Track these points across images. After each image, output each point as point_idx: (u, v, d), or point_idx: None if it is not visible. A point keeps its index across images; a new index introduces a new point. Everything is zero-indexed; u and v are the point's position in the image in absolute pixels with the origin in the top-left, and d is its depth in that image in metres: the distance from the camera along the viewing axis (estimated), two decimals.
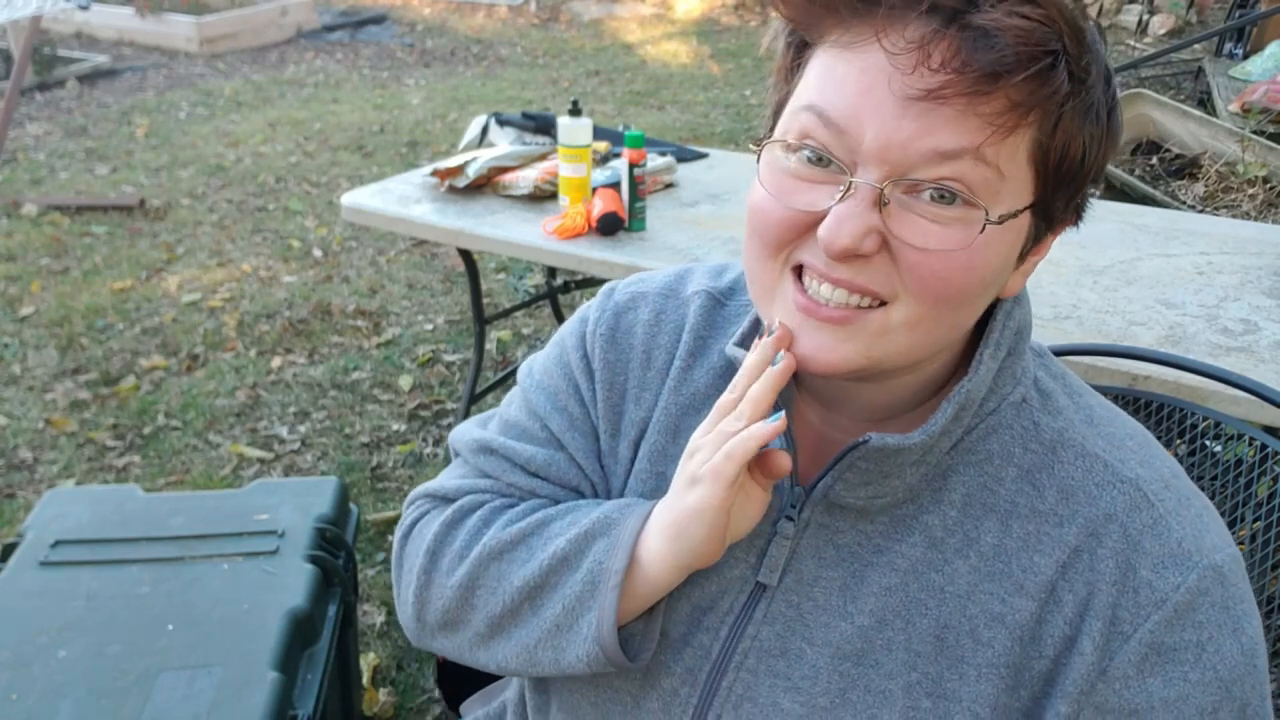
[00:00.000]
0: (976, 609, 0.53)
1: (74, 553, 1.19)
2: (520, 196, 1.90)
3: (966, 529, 0.54)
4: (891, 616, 0.54)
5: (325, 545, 1.23)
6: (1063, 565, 0.53)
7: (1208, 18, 6.15)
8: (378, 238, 3.45)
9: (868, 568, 0.55)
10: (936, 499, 0.55)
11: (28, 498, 2.13)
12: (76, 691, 1.00)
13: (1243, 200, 2.69)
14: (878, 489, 0.55)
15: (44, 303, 2.98)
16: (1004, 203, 0.48)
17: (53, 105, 4.98)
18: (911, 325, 0.49)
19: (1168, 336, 1.35)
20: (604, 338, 0.65)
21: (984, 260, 0.48)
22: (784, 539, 0.57)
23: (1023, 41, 0.43)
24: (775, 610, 0.57)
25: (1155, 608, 0.51)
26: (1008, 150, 0.46)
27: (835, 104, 0.47)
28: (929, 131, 0.45)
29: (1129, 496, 0.53)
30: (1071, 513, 0.53)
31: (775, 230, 0.50)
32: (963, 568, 0.54)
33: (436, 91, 5.37)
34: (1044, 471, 0.54)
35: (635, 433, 0.64)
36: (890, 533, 0.55)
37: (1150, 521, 0.52)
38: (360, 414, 2.47)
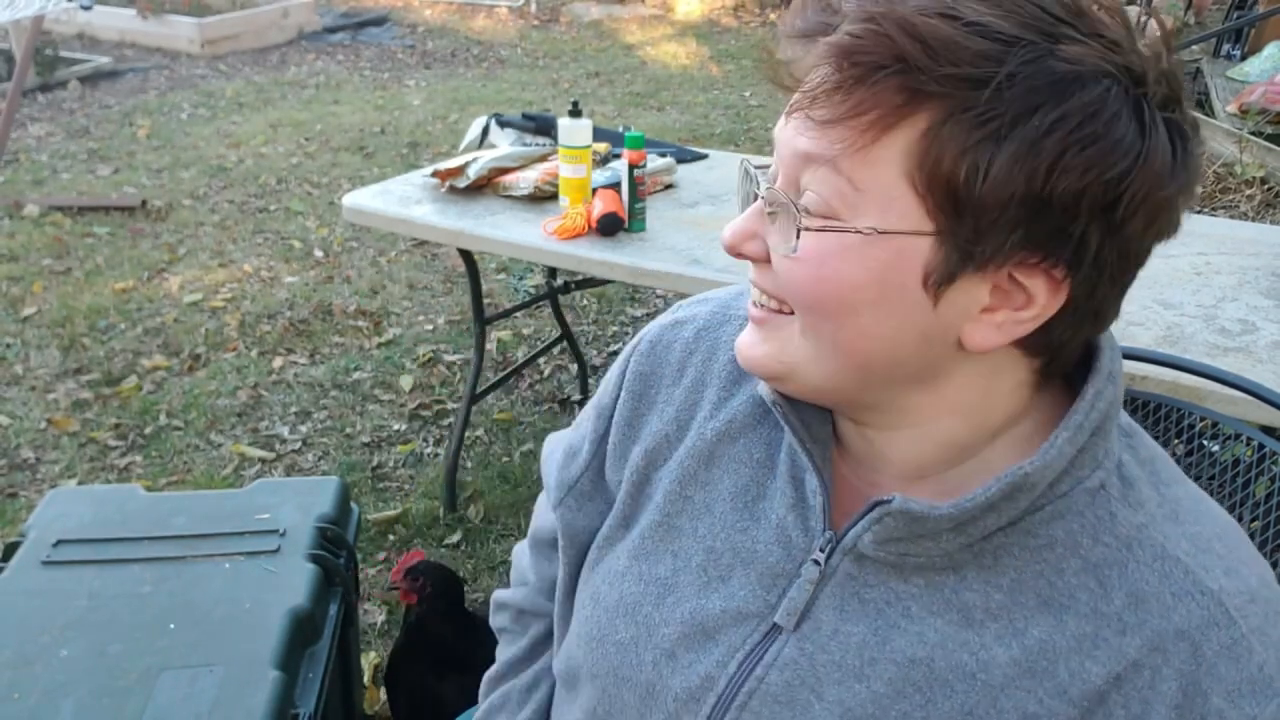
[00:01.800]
0: (1009, 704, 0.49)
1: (76, 552, 1.19)
2: (521, 197, 1.90)
3: (1013, 616, 0.50)
4: (912, 690, 0.51)
5: (326, 544, 1.24)
6: (1118, 678, 0.48)
7: (1205, 19, 6.15)
8: (379, 238, 3.46)
9: (893, 630, 0.52)
10: (983, 578, 0.51)
11: (30, 497, 2.14)
12: (78, 690, 1.00)
13: (1241, 201, 2.69)
14: (909, 547, 0.51)
15: (46, 303, 2.99)
16: (863, 217, 0.46)
17: (55, 106, 4.99)
18: (805, 334, 0.51)
19: (1165, 336, 1.35)
20: (643, 352, 0.66)
21: (835, 272, 0.47)
22: (807, 583, 0.54)
23: (839, 55, 0.44)
24: (787, 656, 0.54)
25: None
26: (866, 164, 0.45)
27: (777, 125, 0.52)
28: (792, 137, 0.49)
29: (1208, 611, 0.48)
30: (1139, 622, 0.48)
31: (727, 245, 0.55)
32: (1002, 657, 0.50)
33: (437, 93, 5.38)
34: (1114, 569, 0.49)
35: (652, 443, 0.63)
36: (925, 600, 0.51)
37: (1229, 642, 0.47)
38: (361, 414, 2.47)
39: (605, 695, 0.61)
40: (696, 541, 0.59)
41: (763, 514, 0.58)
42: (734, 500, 0.59)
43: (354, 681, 1.37)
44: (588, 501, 0.68)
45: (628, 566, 0.62)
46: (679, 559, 0.60)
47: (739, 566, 0.57)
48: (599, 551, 0.65)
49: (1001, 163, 0.43)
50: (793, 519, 0.56)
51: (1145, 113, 0.44)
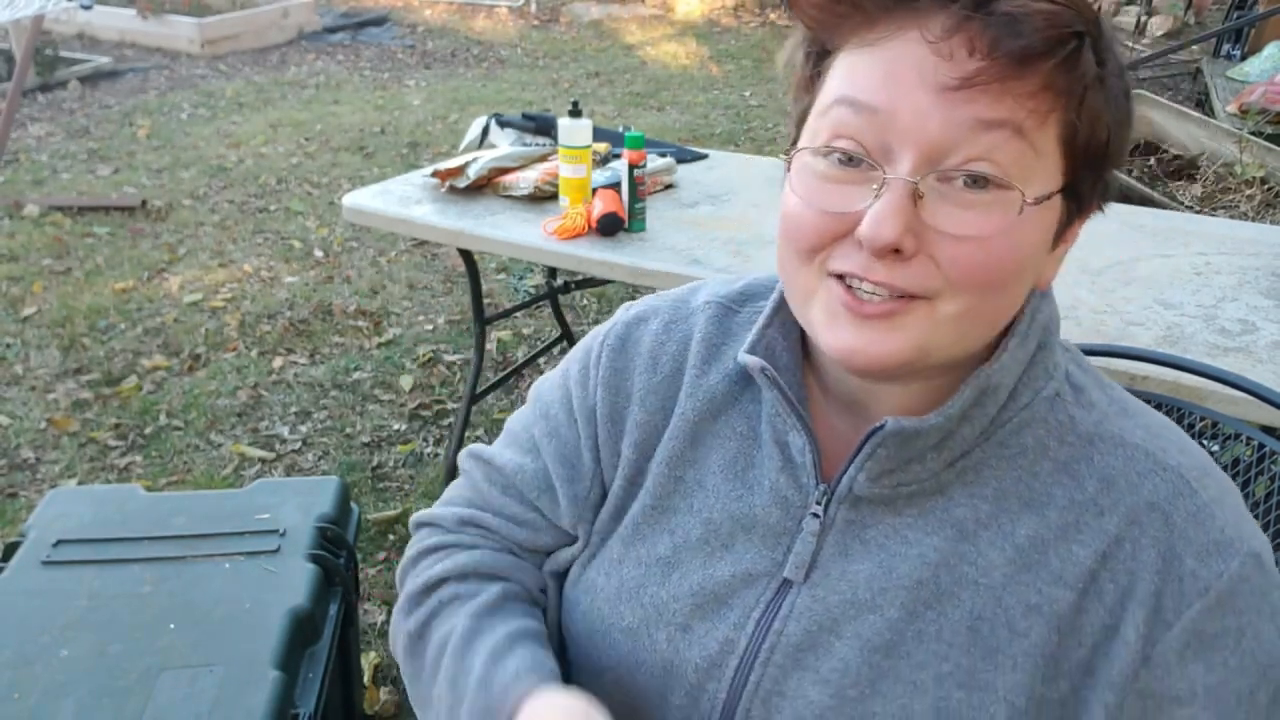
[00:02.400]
0: (1012, 599, 0.53)
1: (76, 552, 1.19)
2: (521, 197, 1.90)
3: (1000, 522, 0.55)
4: (922, 609, 0.54)
5: (326, 544, 1.24)
6: (1103, 554, 0.53)
7: (1206, 19, 6.15)
8: (379, 238, 3.46)
9: (896, 559, 0.55)
10: (968, 493, 0.55)
11: (30, 497, 2.14)
12: (78, 690, 1.00)
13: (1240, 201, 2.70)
14: (901, 475, 0.55)
15: (46, 303, 2.99)
16: (1038, 184, 0.48)
17: (55, 106, 4.99)
18: (959, 317, 0.50)
19: (1165, 337, 1.35)
20: (611, 348, 0.66)
21: (1024, 243, 0.49)
22: (810, 535, 0.57)
23: (1050, 25, 0.45)
24: (802, 606, 0.57)
25: (1199, 595, 0.51)
26: (1041, 131, 0.47)
27: (867, 91, 0.48)
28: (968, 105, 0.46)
29: (1172, 484, 0.53)
30: (1113, 502, 0.53)
31: (810, 236, 0.51)
32: (997, 560, 0.54)
33: (437, 93, 5.38)
34: (1082, 463, 0.55)
35: (639, 434, 0.64)
36: (920, 525, 0.55)
37: (1194, 509, 0.53)
38: (361, 414, 2.48)
39: (618, 688, 0.61)
40: (693, 517, 0.61)
41: (755, 481, 0.60)
42: (724, 473, 0.61)
43: (354, 681, 1.37)
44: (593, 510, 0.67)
45: (623, 553, 0.63)
46: (677, 536, 0.61)
47: (740, 533, 0.59)
48: (593, 547, 0.66)
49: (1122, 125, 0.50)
50: (785, 480, 0.59)
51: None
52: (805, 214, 0.51)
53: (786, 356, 0.60)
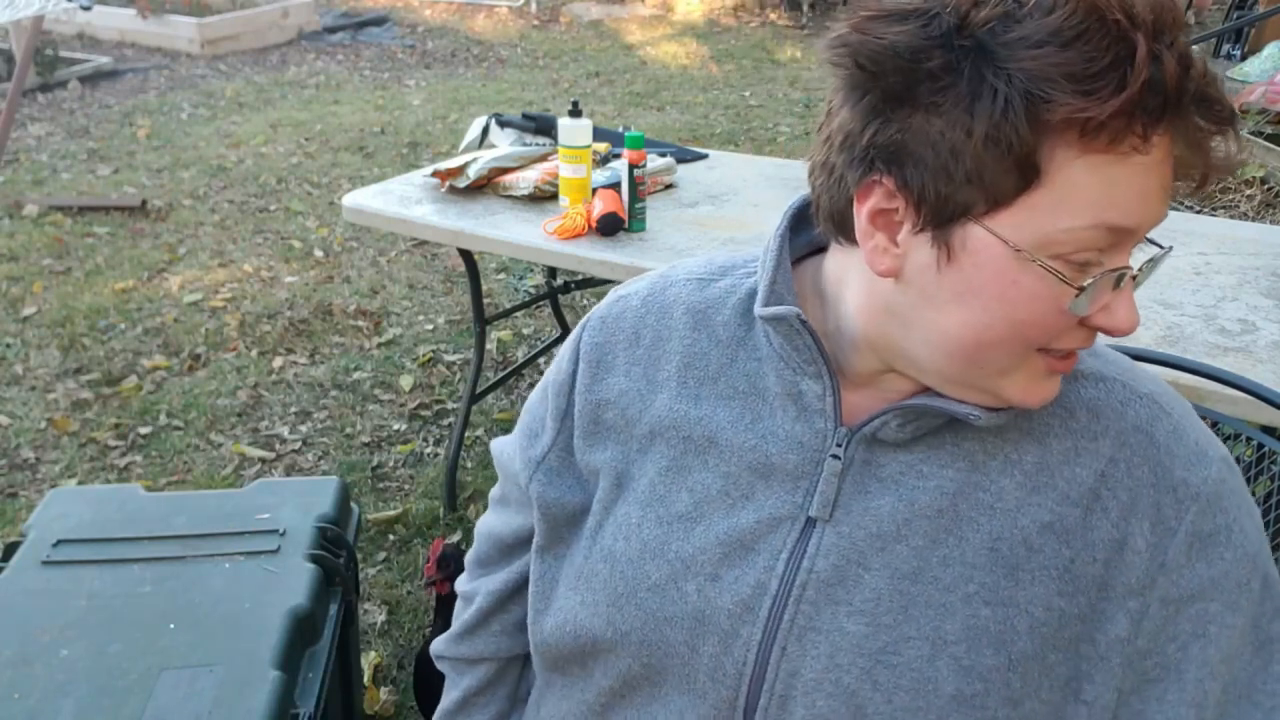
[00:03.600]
0: (1026, 519, 0.58)
1: (76, 552, 1.19)
2: (521, 197, 1.90)
3: (1007, 452, 0.60)
4: (944, 535, 0.59)
5: (326, 545, 1.24)
6: (1102, 474, 0.59)
7: (1205, 19, 6.15)
8: (379, 238, 3.46)
9: (915, 491, 0.60)
10: (972, 429, 0.60)
11: (30, 497, 2.14)
12: (78, 690, 1.00)
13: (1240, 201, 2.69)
14: (922, 423, 0.60)
15: (46, 303, 2.99)
16: None
17: (55, 106, 4.99)
18: None
19: (1165, 336, 1.35)
20: (595, 327, 0.71)
21: None
22: (831, 475, 0.61)
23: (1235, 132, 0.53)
24: (828, 543, 0.60)
25: (1192, 500, 0.58)
26: None
27: (1127, 213, 0.51)
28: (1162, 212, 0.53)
29: (1149, 409, 0.60)
30: (1103, 428, 0.60)
31: (1038, 329, 0.54)
32: (1009, 485, 0.59)
33: (437, 93, 5.38)
34: (1071, 396, 0.61)
35: (624, 402, 0.67)
36: (933, 460, 0.60)
37: (1171, 428, 0.60)
38: (361, 414, 2.48)
39: (644, 648, 0.63)
40: (709, 472, 0.64)
41: (768, 432, 0.63)
42: (735, 427, 0.64)
43: (354, 681, 1.37)
44: (558, 477, 0.71)
45: (641, 516, 0.65)
46: (695, 493, 0.64)
47: (759, 482, 0.62)
48: (600, 516, 0.68)
49: None
50: (800, 427, 0.62)
51: None
52: (1035, 312, 0.53)
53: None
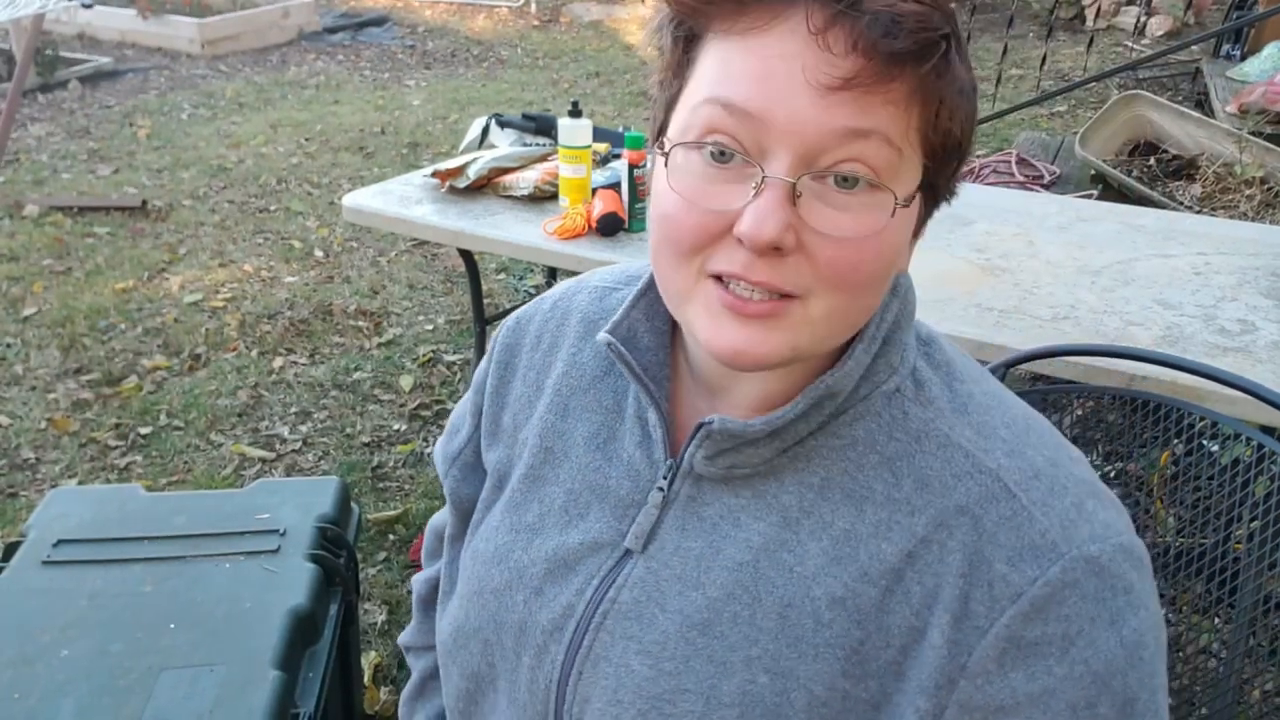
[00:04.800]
0: (820, 591, 0.54)
1: (76, 552, 1.19)
2: (521, 197, 1.90)
3: (822, 512, 0.55)
4: (740, 591, 0.55)
5: (327, 544, 1.24)
6: (909, 554, 0.53)
7: (1205, 19, 6.15)
8: (379, 238, 3.46)
9: (725, 540, 0.57)
10: (798, 479, 0.56)
11: (30, 497, 2.14)
12: (79, 690, 1.00)
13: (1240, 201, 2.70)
14: (735, 458, 0.56)
15: (46, 303, 2.99)
16: (905, 184, 0.49)
17: (55, 106, 4.99)
18: (830, 316, 0.50)
19: (1165, 337, 1.35)
20: (509, 328, 0.71)
21: (893, 242, 0.50)
22: (652, 508, 0.59)
23: (922, 28, 0.45)
24: (635, 575, 0.59)
25: (1010, 601, 0.50)
26: (906, 135, 0.48)
27: (741, 92, 0.47)
28: (840, 111, 0.46)
29: (985, 488, 0.52)
30: (925, 503, 0.53)
31: (690, 235, 0.50)
32: (814, 549, 0.55)
33: (437, 93, 5.38)
34: (904, 460, 0.54)
35: (517, 406, 0.68)
36: (752, 509, 0.57)
37: (1009, 514, 0.51)
38: (361, 414, 2.48)
39: (487, 646, 0.65)
40: (558, 486, 0.64)
41: (614, 454, 0.62)
42: (588, 444, 0.63)
43: (354, 681, 1.37)
44: (471, 473, 0.73)
45: (501, 520, 0.66)
46: (544, 504, 0.64)
47: (595, 503, 0.62)
48: (479, 515, 0.69)
49: (969, 120, 0.50)
50: (640, 454, 0.61)
51: None
52: (685, 213, 0.49)
53: (649, 338, 0.61)
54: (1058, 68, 5.40)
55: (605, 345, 0.59)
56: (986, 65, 4.78)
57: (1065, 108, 4.75)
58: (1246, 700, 1.06)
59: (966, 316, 1.42)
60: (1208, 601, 1.05)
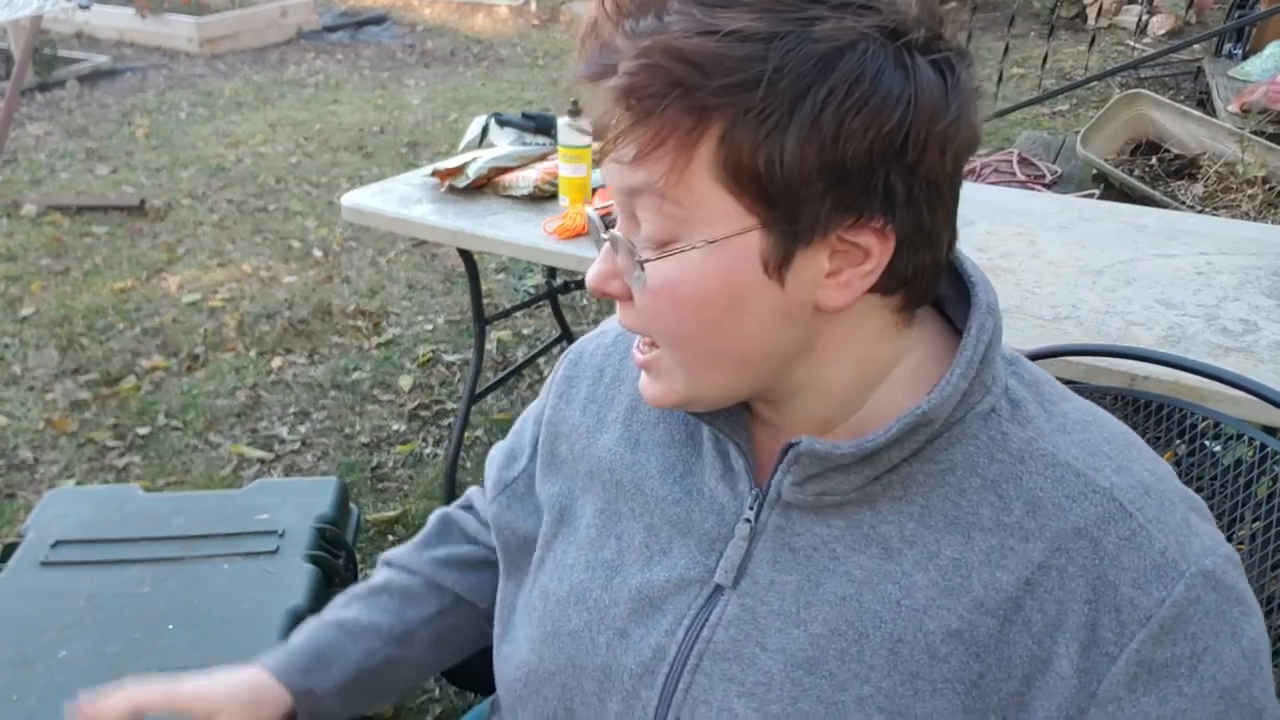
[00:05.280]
0: (933, 624, 0.52)
1: (74, 553, 1.19)
2: (520, 197, 1.90)
3: (926, 541, 0.53)
4: (845, 627, 0.54)
5: (326, 545, 1.23)
6: (1028, 582, 0.51)
7: (1207, 18, 6.15)
8: (378, 238, 3.45)
9: (824, 573, 0.55)
10: (895, 508, 0.54)
11: (28, 498, 2.13)
12: (77, 691, 1.00)
13: (1242, 200, 2.69)
14: (825, 484, 0.54)
15: (44, 303, 2.98)
16: (701, 229, 0.49)
17: (53, 105, 4.98)
18: (685, 365, 0.54)
19: (1167, 337, 1.35)
20: (571, 360, 0.71)
21: (688, 292, 0.50)
22: (740, 540, 0.57)
23: (624, 96, 0.47)
24: (730, 613, 0.57)
25: (1140, 625, 0.49)
26: (684, 184, 0.48)
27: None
28: (614, 177, 0.51)
29: (1101, 508, 0.51)
30: (1039, 526, 0.51)
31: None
32: (921, 581, 0.53)
33: (437, 92, 5.38)
34: (1010, 483, 0.52)
35: (576, 438, 0.67)
36: (847, 540, 0.55)
37: (1128, 534, 0.50)
38: (360, 414, 2.47)
39: (565, 691, 0.62)
40: (635, 521, 0.62)
41: (694, 487, 0.61)
42: (664, 478, 0.62)
43: None
44: (518, 501, 0.72)
45: (576, 557, 0.64)
46: (622, 540, 0.63)
47: (678, 538, 0.60)
48: (542, 551, 0.68)
49: (791, 147, 0.46)
50: (722, 487, 0.60)
51: (907, 60, 0.47)
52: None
53: None
54: (1059, 66, 5.40)
55: None
56: (988, 64, 4.78)
57: (1067, 107, 4.75)
58: None
59: None
60: None
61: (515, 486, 0.72)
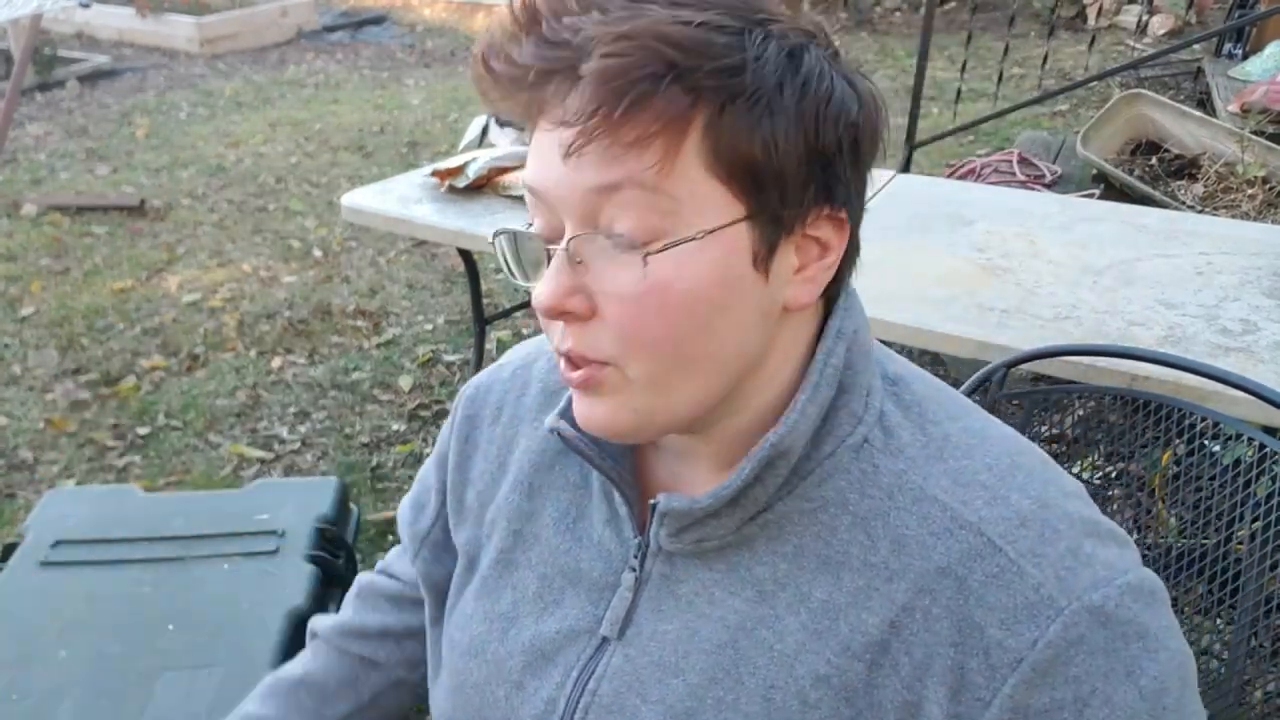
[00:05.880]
0: (803, 669, 0.50)
1: (74, 553, 1.19)
2: (520, 196, 1.90)
3: (799, 582, 0.51)
4: (721, 675, 0.52)
5: (325, 545, 1.23)
6: (893, 624, 0.49)
7: (1207, 18, 6.15)
8: (378, 238, 3.45)
9: (701, 620, 0.53)
10: (770, 549, 0.52)
11: (28, 498, 2.13)
12: (77, 692, 1.00)
13: (1242, 200, 2.69)
14: (700, 531, 0.53)
15: (44, 303, 2.98)
16: (691, 222, 0.46)
17: (53, 105, 4.98)
18: (653, 378, 0.48)
19: (1167, 337, 1.35)
20: (469, 398, 0.68)
21: (681, 287, 0.47)
22: (626, 590, 0.56)
23: (614, 78, 0.44)
24: (614, 665, 0.55)
25: (1010, 669, 0.45)
26: (675, 173, 0.46)
27: (530, 174, 0.49)
28: (588, 172, 0.46)
29: (967, 544, 0.48)
30: (903, 566, 0.49)
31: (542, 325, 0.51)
32: (793, 624, 0.51)
33: (437, 92, 5.38)
34: (878, 520, 0.50)
35: (481, 484, 0.65)
36: (726, 583, 0.53)
37: (995, 570, 0.47)
38: (360, 414, 2.47)
39: None
40: (530, 571, 0.61)
41: (584, 533, 0.59)
42: (557, 525, 0.60)
43: None
44: (443, 552, 0.69)
45: (474, 608, 0.63)
46: (517, 590, 0.61)
47: (569, 588, 0.59)
48: (453, 598, 0.66)
49: (783, 132, 0.46)
50: (609, 533, 0.58)
51: (837, 65, 0.50)
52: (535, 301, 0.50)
53: None
54: (1059, 66, 5.40)
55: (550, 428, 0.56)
56: (988, 64, 4.78)
57: (1067, 107, 4.74)
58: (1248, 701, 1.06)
59: (968, 317, 1.41)
60: (1209, 602, 1.04)
61: (432, 536, 0.70)
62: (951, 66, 4.70)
